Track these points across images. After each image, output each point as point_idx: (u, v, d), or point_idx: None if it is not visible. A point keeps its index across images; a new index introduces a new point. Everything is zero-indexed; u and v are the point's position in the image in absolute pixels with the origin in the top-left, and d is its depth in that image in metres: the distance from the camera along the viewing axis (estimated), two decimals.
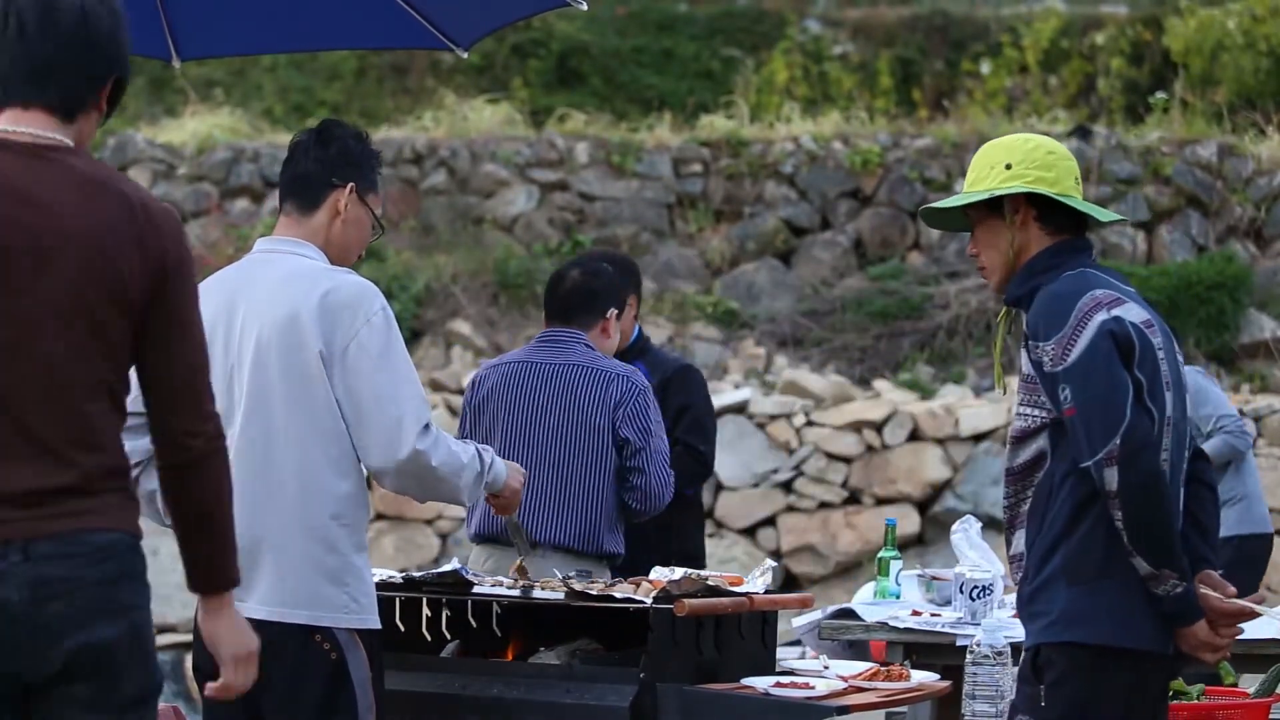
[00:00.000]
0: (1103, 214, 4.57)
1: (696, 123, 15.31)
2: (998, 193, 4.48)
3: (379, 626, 4.74)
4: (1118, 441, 4.20)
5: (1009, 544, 4.46)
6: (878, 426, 12.66)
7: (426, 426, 4.66)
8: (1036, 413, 4.37)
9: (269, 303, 4.67)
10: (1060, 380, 4.28)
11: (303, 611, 4.62)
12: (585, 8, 6.05)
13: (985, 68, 17.69)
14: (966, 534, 6.42)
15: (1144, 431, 4.24)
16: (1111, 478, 4.20)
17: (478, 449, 4.83)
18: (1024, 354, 4.42)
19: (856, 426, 12.67)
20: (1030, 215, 4.50)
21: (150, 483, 4.85)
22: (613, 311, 6.35)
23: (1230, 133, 14.81)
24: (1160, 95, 15.62)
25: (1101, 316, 4.29)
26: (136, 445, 4.79)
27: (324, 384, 4.62)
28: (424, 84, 17.87)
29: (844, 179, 14.60)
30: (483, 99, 16.00)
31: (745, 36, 18.99)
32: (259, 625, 4.60)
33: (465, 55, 6.54)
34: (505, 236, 14.43)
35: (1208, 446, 8.62)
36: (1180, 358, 4.49)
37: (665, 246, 14.48)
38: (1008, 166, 4.51)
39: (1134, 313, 4.36)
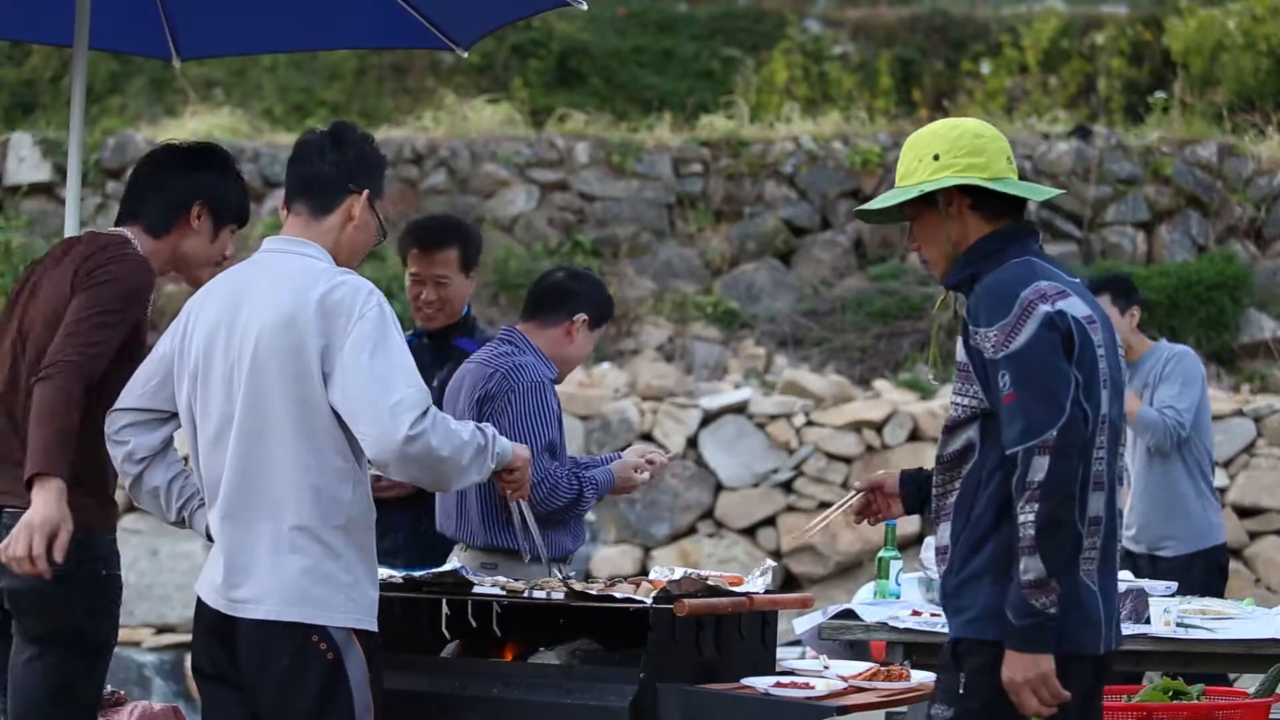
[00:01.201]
0: (1038, 193, 4.47)
1: (696, 123, 15.31)
2: (926, 188, 4.39)
3: (375, 629, 4.74)
4: (1054, 433, 4.13)
5: (936, 535, 4.42)
6: (878, 426, 12.66)
7: (424, 413, 4.62)
8: (968, 402, 4.31)
9: (268, 304, 4.68)
10: (1001, 366, 4.20)
11: (298, 611, 4.61)
12: (585, 8, 6.05)
13: (985, 68, 17.69)
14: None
15: (1080, 431, 4.18)
16: (1041, 466, 4.12)
17: (476, 425, 4.81)
18: (960, 342, 4.35)
19: (856, 426, 12.67)
20: (965, 204, 4.41)
21: (154, 479, 4.87)
22: (580, 316, 6.27)
23: (1230, 133, 14.81)
24: (1160, 95, 15.62)
25: (1045, 308, 4.23)
26: (143, 440, 4.83)
27: (321, 387, 4.62)
28: (424, 84, 17.87)
29: (844, 179, 14.60)
30: (483, 99, 15.99)
31: (745, 36, 18.98)
32: (257, 625, 4.62)
33: (465, 55, 6.55)
34: (505, 236, 14.43)
35: (1140, 413, 8.39)
36: (1121, 351, 4.43)
37: (665, 246, 14.48)
38: (935, 157, 4.42)
39: (1077, 307, 4.29)
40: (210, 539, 4.80)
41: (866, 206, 4.57)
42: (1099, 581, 4.30)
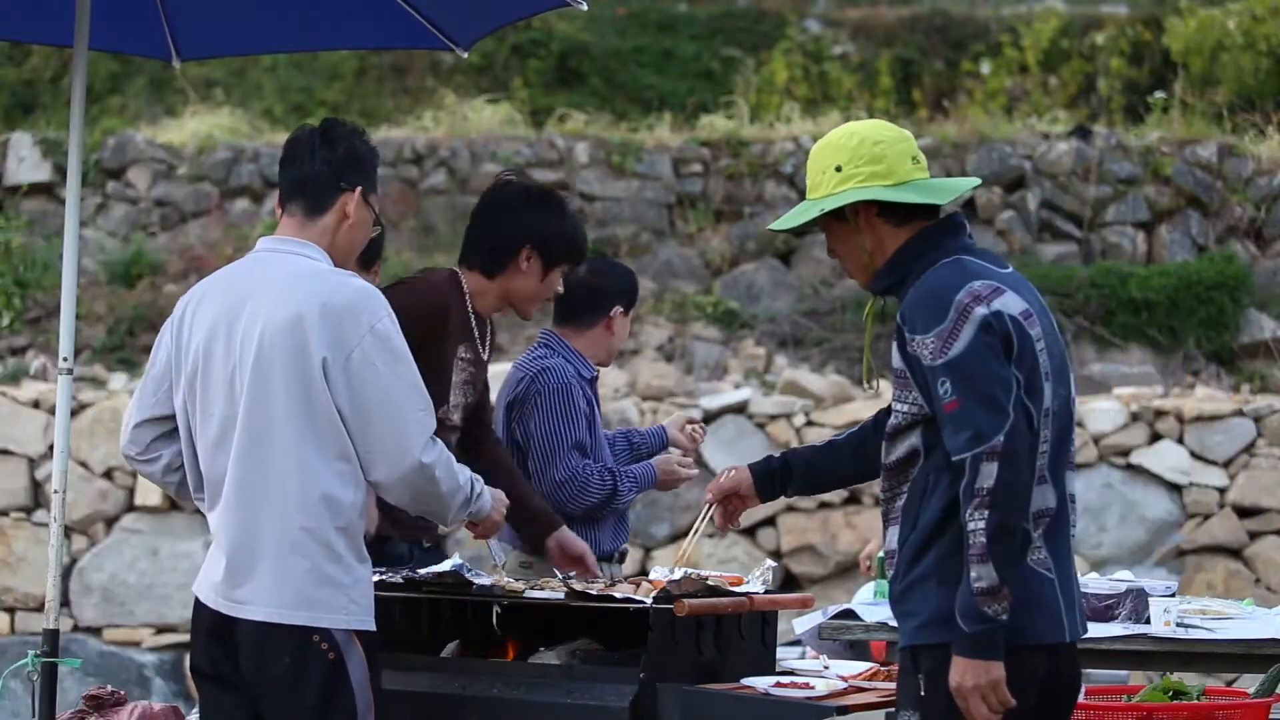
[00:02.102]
0: (942, 196, 4.41)
1: (696, 123, 15.30)
2: (827, 205, 4.37)
3: (374, 629, 4.74)
4: (1001, 439, 4.11)
5: (885, 539, 4.42)
6: None
7: (432, 439, 4.67)
8: (908, 409, 4.29)
9: (273, 304, 4.66)
10: (940, 373, 4.18)
11: (301, 613, 4.61)
12: (585, 8, 6.05)
13: (985, 68, 17.68)
14: None
15: (1025, 434, 4.15)
16: (989, 473, 4.09)
17: (470, 475, 4.84)
18: (895, 348, 4.32)
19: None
20: (872, 213, 4.38)
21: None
22: (616, 310, 6.39)
23: (1230, 133, 14.80)
24: (1160, 95, 15.62)
25: (981, 310, 4.19)
26: (175, 449, 4.85)
27: (324, 390, 4.61)
28: (424, 84, 17.86)
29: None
30: (483, 99, 15.98)
31: (745, 36, 18.98)
32: (259, 626, 4.62)
33: (465, 55, 6.55)
34: None
35: None
36: (1060, 339, 4.39)
37: (665, 246, 14.48)
38: (838, 169, 4.40)
39: (1012, 303, 4.25)
40: None
41: (775, 225, 4.57)
42: (1055, 569, 4.28)
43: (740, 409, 12.77)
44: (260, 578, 4.63)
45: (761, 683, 4.95)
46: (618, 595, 5.11)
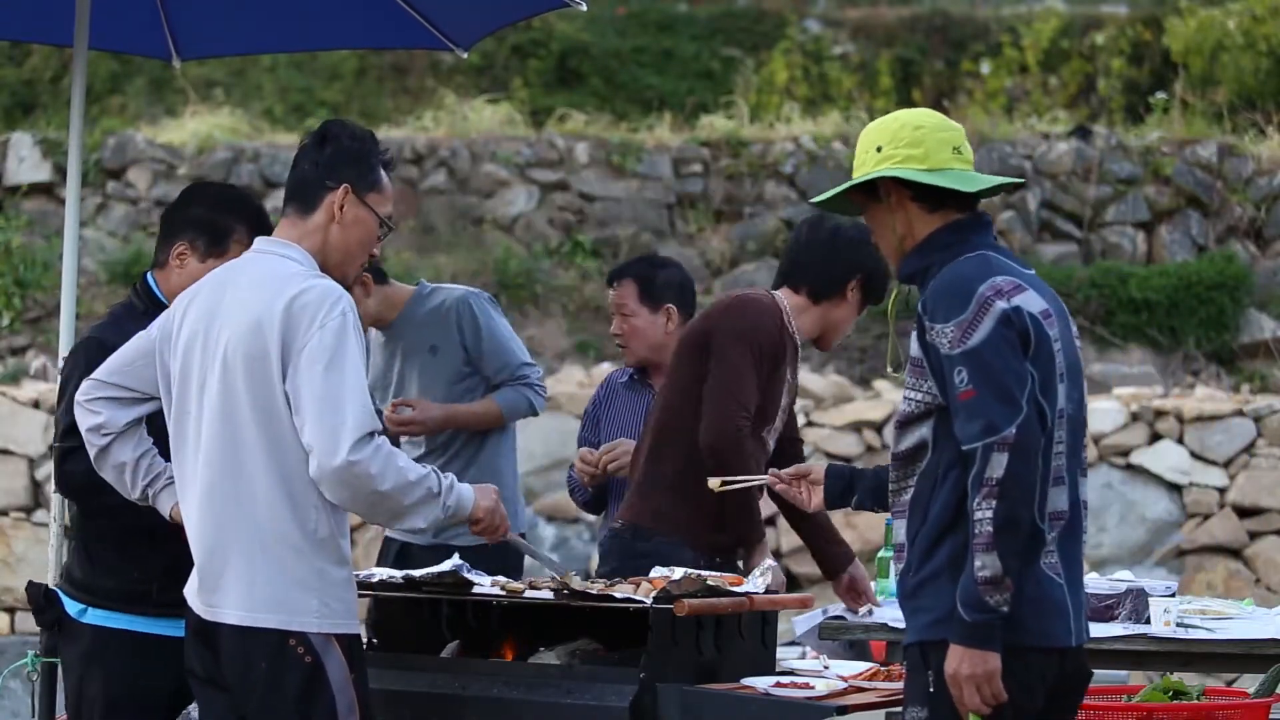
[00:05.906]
0: (969, 185, 4.43)
1: (696, 123, 15.30)
2: (856, 180, 4.47)
3: (357, 632, 4.72)
4: (1013, 430, 4.12)
5: (893, 532, 4.42)
6: (878, 426, 12.65)
7: (369, 436, 4.55)
8: (921, 397, 4.29)
9: (239, 308, 4.64)
10: (958, 362, 4.19)
11: (273, 616, 4.59)
12: (585, 8, 6.06)
13: (985, 68, 17.68)
14: None
15: (1037, 429, 4.17)
16: (1000, 463, 4.11)
17: (434, 471, 4.73)
18: (914, 336, 4.32)
19: (856, 426, 12.67)
20: (905, 196, 4.43)
21: (122, 454, 4.87)
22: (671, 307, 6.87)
23: (1230, 133, 14.80)
24: (1160, 95, 15.62)
25: (1002, 304, 4.22)
26: (115, 415, 4.83)
27: (284, 391, 4.59)
28: (424, 84, 17.86)
29: (844, 179, 14.50)
30: (483, 99, 15.98)
31: (745, 36, 18.98)
32: (233, 631, 4.61)
33: (465, 55, 6.55)
34: (505, 236, 14.42)
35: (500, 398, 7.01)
36: (1078, 343, 4.42)
37: (665, 246, 14.47)
38: (878, 149, 4.46)
39: (1033, 302, 4.28)
40: (173, 520, 4.81)
41: (816, 199, 4.65)
42: (1064, 574, 4.29)
43: None
44: (232, 582, 4.61)
45: (761, 683, 4.95)
46: (618, 595, 5.11)
